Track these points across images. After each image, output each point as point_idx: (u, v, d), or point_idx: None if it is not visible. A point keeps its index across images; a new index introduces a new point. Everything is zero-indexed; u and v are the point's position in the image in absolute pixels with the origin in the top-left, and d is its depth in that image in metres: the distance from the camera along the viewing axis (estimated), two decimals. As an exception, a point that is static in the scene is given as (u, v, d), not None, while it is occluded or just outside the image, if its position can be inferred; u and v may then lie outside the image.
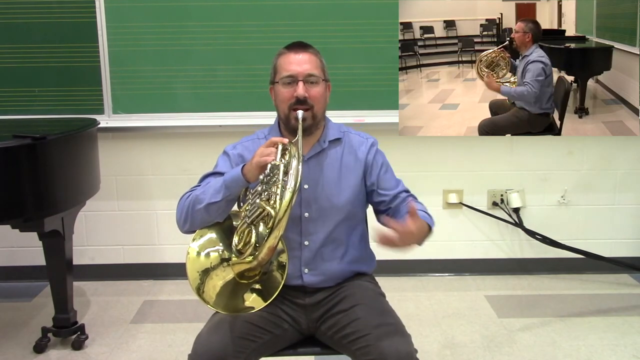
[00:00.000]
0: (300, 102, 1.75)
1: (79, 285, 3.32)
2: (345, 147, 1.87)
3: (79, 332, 2.73)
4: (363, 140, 1.90)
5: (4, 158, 2.31)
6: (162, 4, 3.09)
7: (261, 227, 1.60)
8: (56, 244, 2.61)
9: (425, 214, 1.79)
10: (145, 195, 3.39)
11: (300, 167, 1.59)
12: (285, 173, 1.58)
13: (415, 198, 1.90)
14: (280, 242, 1.72)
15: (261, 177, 1.61)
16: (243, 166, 1.69)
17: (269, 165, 1.60)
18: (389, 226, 1.59)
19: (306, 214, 1.81)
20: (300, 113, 1.74)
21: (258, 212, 1.60)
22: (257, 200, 1.61)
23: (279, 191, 1.56)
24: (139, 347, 2.74)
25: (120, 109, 3.18)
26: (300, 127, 1.72)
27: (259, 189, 1.62)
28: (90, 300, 3.23)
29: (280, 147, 1.64)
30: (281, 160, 1.61)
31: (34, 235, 2.59)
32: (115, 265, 3.47)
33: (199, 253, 1.69)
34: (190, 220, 1.74)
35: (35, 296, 3.27)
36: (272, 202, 1.57)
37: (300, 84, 1.75)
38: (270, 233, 1.56)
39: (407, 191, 1.91)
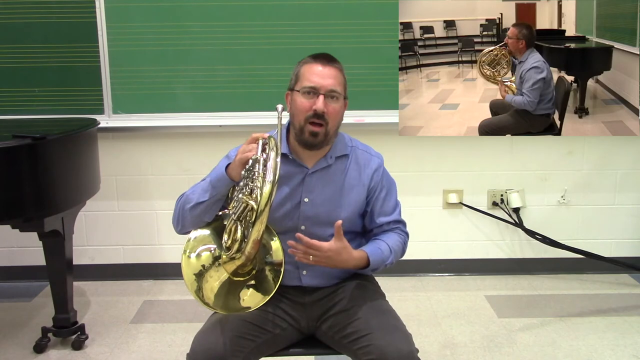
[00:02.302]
0: (317, 116, 1.72)
1: (79, 285, 3.32)
2: (350, 164, 1.85)
3: (79, 332, 2.73)
4: (369, 158, 1.87)
5: (4, 158, 2.31)
6: (162, 4, 3.09)
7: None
8: (56, 244, 2.61)
9: (387, 247, 1.79)
10: (145, 195, 3.39)
11: (278, 159, 1.61)
12: (265, 166, 1.60)
13: (402, 230, 1.89)
14: (281, 251, 1.73)
15: (243, 172, 1.63)
16: (228, 165, 1.70)
17: (250, 160, 1.62)
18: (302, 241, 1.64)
19: (303, 227, 1.80)
20: (280, 107, 1.73)
21: (242, 206, 1.63)
22: (240, 195, 1.63)
23: (260, 184, 1.59)
24: (139, 347, 2.74)
25: (120, 109, 3.18)
26: (279, 122, 1.72)
27: (242, 183, 1.64)
28: (90, 300, 3.23)
29: (260, 142, 1.65)
30: (262, 155, 1.63)
31: (34, 235, 2.59)
32: (115, 265, 3.47)
33: (190, 256, 1.71)
34: (182, 220, 1.77)
35: (35, 296, 3.27)
36: (254, 195, 1.60)
37: (321, 97, 1.72)
38: (253, 226, 1.58)
39: (398, 221, 1.89)
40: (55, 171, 2.47)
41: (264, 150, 1.64)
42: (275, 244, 1.73)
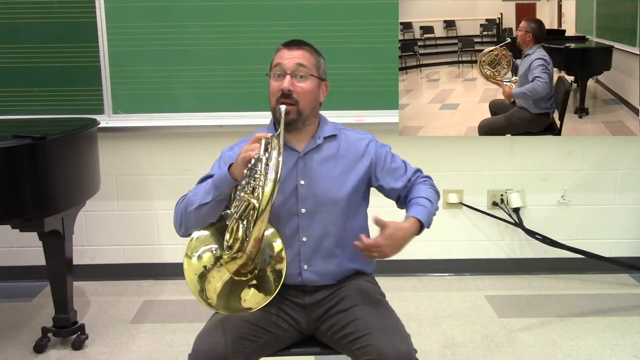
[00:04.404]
0: (285, 96, 1.75)
1: (79, 285, 3.32)
2: (341, 142, 1.87)
3: (79, 332, 2.73)
4: (360, 137, 1.90)
5: (4, 158, 2.31)
6: (162, 4, 3.09)
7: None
8: (56, 244, 2.61)
9: (425, 200, 1.78)
10: (145, 195, 3.39)
11: (280, 158, 1.61)
12: (267, 165, 1.61)
13: (425, 178, 1.89)
14: (282, 248, 1.73)
15: (245, 171, 1.64)
16: (230, 165, 1.70)
17: (252, 160, 1.63)
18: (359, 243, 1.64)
19: (303, 210, 1.81)
20: (283, 107, 1.74)
21: (244, 205, 1.63)
22: (242, 194, 1.64)
23: (262, 183, 1.59)
24: (139, 347, 2.74)
25: (120, 109, 3.18)
26: (282, 120, 1.73)
27: (244, 182, 1.65)
28: (90, 300, 3.23)
29: (263, 141, 1.66)
30: (264, 154, 1.64)
31: (34, 235, 2.59)
32: (115, 265, 3.47)
33: (192, 257, 1.71)
34: (185, 223, 1.77)
35: (35, 296, 3.27)
36: (256, 194, 1.60)
37: (287, 77, 1.75)
38: (254, 225, 1.59)
39: (415, 172, 1.89)
40: (55, 171, 2.47)
41: (266, 149, 1.65)
42: (278, 245, 1.73)
